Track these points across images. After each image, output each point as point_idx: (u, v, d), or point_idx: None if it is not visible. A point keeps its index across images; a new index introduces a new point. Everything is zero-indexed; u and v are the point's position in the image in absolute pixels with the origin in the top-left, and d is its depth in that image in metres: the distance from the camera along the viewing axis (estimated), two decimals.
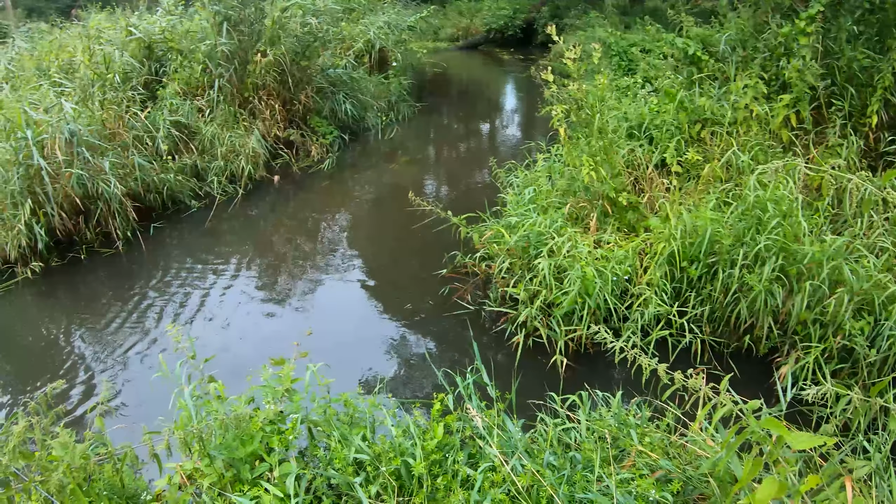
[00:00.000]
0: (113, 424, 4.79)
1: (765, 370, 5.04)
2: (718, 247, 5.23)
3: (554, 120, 5.94)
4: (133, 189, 7.87)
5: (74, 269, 7.13)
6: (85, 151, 7.32)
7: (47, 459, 2.91)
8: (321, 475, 2.96)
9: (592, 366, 5.26)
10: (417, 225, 7.35)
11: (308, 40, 10.72)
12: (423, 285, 6.66)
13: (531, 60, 19.14)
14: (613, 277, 5.21)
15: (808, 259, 4.91)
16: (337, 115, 11.41)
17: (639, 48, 10.58)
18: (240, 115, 9.71)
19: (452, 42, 24.07)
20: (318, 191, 9.50)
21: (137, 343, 5.85)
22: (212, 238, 7.87)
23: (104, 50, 9.33)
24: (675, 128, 6.87)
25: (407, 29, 14.71)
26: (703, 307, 5.28)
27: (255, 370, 3.41)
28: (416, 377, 5.42)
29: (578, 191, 6.25)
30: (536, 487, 2.72)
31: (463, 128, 14.24)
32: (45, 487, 2.79)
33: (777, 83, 6.94)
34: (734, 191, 5.89)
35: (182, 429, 3.12)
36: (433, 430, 2.98)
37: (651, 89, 8.07)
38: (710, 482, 2.75)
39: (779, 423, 2.21)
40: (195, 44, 9.94)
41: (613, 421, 3.29)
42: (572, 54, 5.65)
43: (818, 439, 2.21)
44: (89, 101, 8.47)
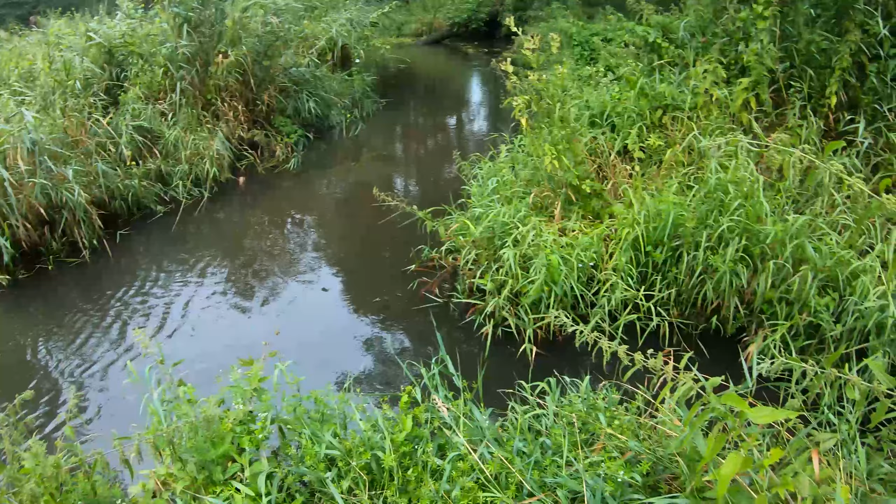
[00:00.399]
0: (85, 433, 4.76)
1: (733, 350, 5.11)
2: (682, 230, 5.30)
3: (516, 111, 5.97)
4: (98, 197, 7.76)
5: (42, 280, 7.03)
6: (48, 160, 7.21)
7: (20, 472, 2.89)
8: (293, 473, 2.97)
9: (562, 353, 5.30)
10: (384, 221, 7.35)
11: (270, 40, 10.65)
12: (392, 280, 6.67)
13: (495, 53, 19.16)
14: (579, 264, 5.25)
15: (770, 238, 5.00)
16: (301, 114, 11.33)
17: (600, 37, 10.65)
18: (203, 117, 9.62)
19: (416, 37, 23.98)
20: (284, 191, 9.46)
21: (108, 351, 5.80)
22: (179, 243, 7.81)
23: (64, 56, 9.21)
24: (636, 115, 6.95)
25: (370, 25, 14.65)
26: (670, 290, 5.35)
27: (224, 372, 3.40)
28: (387, 372, 5.43)
29: (542, 180, 6.30)
30: (505, 474, 2.75)
31: (428, 122, 14.23)
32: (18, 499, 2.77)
33: (736, 67, 7.04)
34: (696, 174, 5.97)
35: (153, 433, 3.11)
36: (402, 423, 3.00)
37: (613, 77, 8.14)
38: (678, 462, 2.79)
39: (739, 399, 2.25)
40: (156, 47, 9.81)
41: (582, 405, 3.33)
42: (531, 45, 5.68)
43: (780, 413, 2.26)
44: (50, 109, 8.36)
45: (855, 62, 6.32)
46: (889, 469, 2.90)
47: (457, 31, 23.81)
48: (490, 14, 23.42)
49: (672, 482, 2.91)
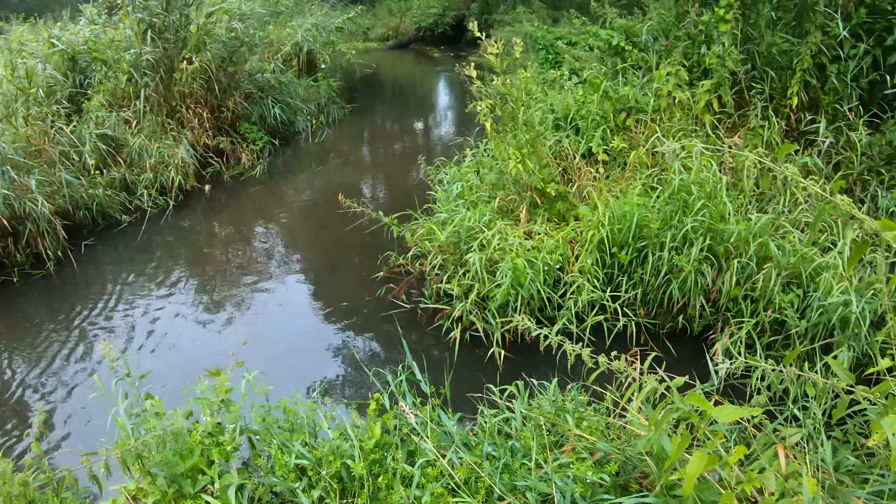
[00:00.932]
0: (53, 449, 4.70)
1: (700, 348, 5.19)
2: (647, 231, 5.37)
3: (480, 115, 6.00)
4: (62, 207, 7.65)
5: (6, 292, 6.91)
6: (10, 170, 7.10)
7: None
8: (264, 484, 2.96)
9: (530, 356, 5.33)
10: (351, 227, 7.34)
11: (235, 45, 10.59)
12: (360, 287, 6.66)
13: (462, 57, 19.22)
14: (545, 267, 5.30)
15: (734, 238, 5.09)
16: (266, 120, 11.28)
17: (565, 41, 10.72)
18: (168, 124, 9.52)
19: (383, 42, 23.99)
20: (251, 198, 9.40)
21: (74, 365, 5.72)
22: (145, 253, 7.72)
23: (27, 63, 9.07)
24: (600, 117, 7.01)
25: (335, 30, 14.62)
26: (636, 290, 5.42)
27: (191, 384, 3.38)
28: (355, 379, 5.43)
29: (507, 184, 6.34)
30: (475, 478, 2.77)
31: (394, 127, 14.24)
32: None
33: (699, 70, 7.15)
34: (660, 176, 6.05)
35: (121, 448, 3.08)
36: (370, 431, 3.00)
37: (577, 81, 8.21)
38: (647, 461, 2.83)
39: (702, 399, 2.28)
40: (120, 53, 9.70)
41: (550, 408, 3.36)
42: (495, 49, 5.72)
43: (742, 411, 2.29)
44: (12, 118, 8.24)
45: (815, 63, 6.44)
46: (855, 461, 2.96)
47: (423, 36, 23.87)
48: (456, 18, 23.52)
49: (642, 481, 2.94)
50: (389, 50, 23.16)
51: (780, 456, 2.54)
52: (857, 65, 6.28)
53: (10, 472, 2.91)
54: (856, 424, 3.28)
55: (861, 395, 2.47)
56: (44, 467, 3.17)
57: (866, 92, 6.41)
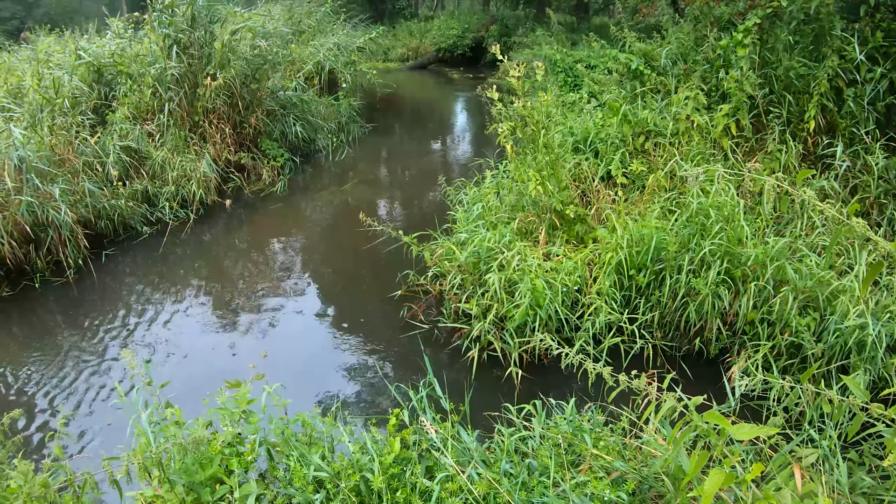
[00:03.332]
0: (72, 453, 4.74)
1: (716, 371, 5.20)
2: (665, 254, 5.38)
3: (500, 137, 6.05)
4: (84, 216, 7.76)
5: (27, 298, 7.00)
6: (34, 178, 7.21)
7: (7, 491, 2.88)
8: (282, 495, 2.98)
9: (547, 376, 5.34)
10: (370, 245, 7.39)
11: (258, 63, 10.73)
12: (378, 305, 6.69)
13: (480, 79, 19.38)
14: (563, 288, 5.31)
15: (751, 261, 5.10)
16: (287, 137, 11.40)
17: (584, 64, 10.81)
18: (190, 139, 9.65)
19: (402, 62, 24.21)
20: (271, 214, 9.48)
21: (94, 371, 5.77)
22: (165, 264, 7.80)
23: (53, 74, 9.21)
24: (619, 140, 7.06)
25: (356, 50, 14.77)
26: (653, 313, 5.42)
27: (211, 394, 3.41)
28: (373, 395, 5.44)
29: (527, 205, 6.37)
30: (493, 495, 2.78)
31: (413, 147, 14.32)
32: None
33: (717, 94, 7.19)
34: (678, 199, 6.07)
35: (141, 455, 3.11)
36: (390, 445, 3.02)
37: (596, 104, 8.27)
38: (664, 480, 2.84)
39: (721, 417, 2.30)
40: (145, 67, 9.85)
41: (568, 427, 3.37)
42: (516, 72, 5.77)
43: (760, 430, 2.30)
44: (38, 127, 8.36)
45: (832, 87, 6.47)
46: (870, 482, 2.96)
47: (442, 57, 24.08)
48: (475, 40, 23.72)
49: (658, 500, 2.95)
50: (409, 70, 23.37)
51: (797, 476, 2.55)
52: (873, 88, 6.30)
53: (30, 473, 2.94)
54: (871, 446, 3.28)
55: (876, 412, 2.47)
56: (65, 469, 3.20)
57: (883, 115, 6.43)
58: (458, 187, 7.57)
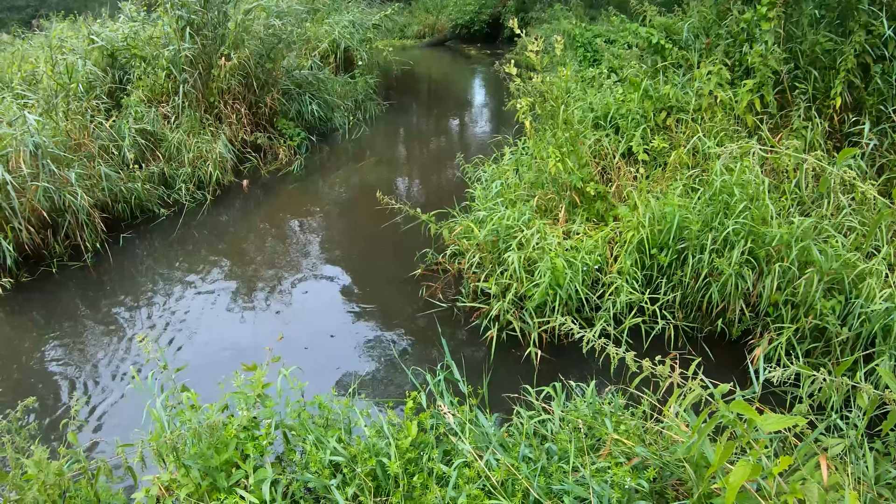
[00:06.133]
0: (88, 439, 4.75)
1: (739, 353, 5.11)
2: (687, 232, 5.27)
3: (519, 113, 5.95)
4: (100, 200, 7.76)
5: (45, 283, 7.02)
6: (50, 164, 7.20)
7: (22, 479, 2.87)
8: (298, 479, 2.95)
9: (567, 357, 5.28)
10: (388, 224, 7.33)
11: (272, 42, 10.64)
12: (396, 284, 6.65)
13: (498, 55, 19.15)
14: (584, 267, 5.23)
15: (776, 241, 4.98)
16: (304, 116, 11.34)
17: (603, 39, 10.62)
18: (206, 120, 9.61)
19: (419, 39, 24.01)
20: (288, 194, 9.44)
21: (110, 356, 5.78)
22: (182, 246, 7.79)
23: (67, 59, 9.19)
24: (640, 116, 6.92)
25: (372, 27, 14.63)
26: (675, 293, 5.32)
27: (227, 377, 3.38)
28: (392, 377, 5.41)
29: (546, 183, 6.27)
30: (511, 481, 2.73)
31: (431, 125, 14.22)
32: None
33: (740, 69, 7.02)
34: (701, 176, 5.94)
35: (156, 440, 3.09)
36: (407, 429, 2.97)
37: (616, 79, 8.12)
38: (685, 467, 2.77)
39: (748, 406, 2.23)
40: (158, 50, 9.80)
41: (588, 410, 3.31)
42: (535, 47, 5.66)
43: (788, 420, 2.23)
44: (53, 113, 8.35)
45: (859, 63, 6.29)
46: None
47: (459, 33, 23.83)
48: (492, 16, 23.42)
49: (679, 488, 2.89)
50: (426, 47, 23.17)
51: (823, 467, 2.47)
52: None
53: (45, 460, 2.93)
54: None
55: None
56: (79, 457, 3.19)
57: None
58: (477, 164, 7.48)
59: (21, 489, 2.83)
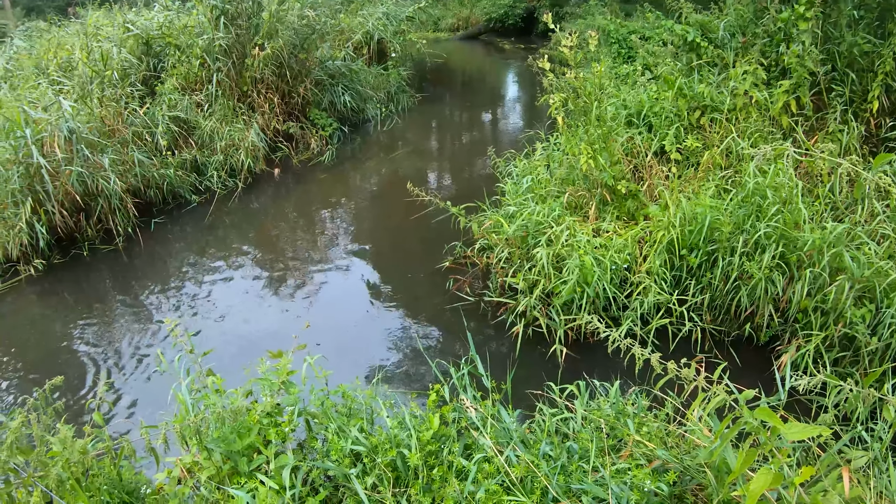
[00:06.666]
0: (113, 419, 4.82)
1: (765, 358, 5.03)
2: (718, 234, 5.21)
3: (552, 108, 5.91)
4: (133, 185, 7.87)
5: (76, 265, 7.14)
6: (84, 149, 7.32)
7: (47, 455, 2.92)
8: (318, 467, 2.96)
9: (592, 355, 5.25)
10: (417, 216, 7.33)
11: (306, 33, 10.69)
12: (424, 276, 6.66)
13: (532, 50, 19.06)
14: (612, 266, 5.19)
15: (808, 246, 4.89)
16: (336, 107, 11.39)
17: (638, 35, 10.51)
18: (238, 108, 9.70)
19: (452, 32, 23.97)
20: (318, 183, 9.49)
21: (138, 338, 5.86)
22: (212, 232, 7.87)
23: (102, 47, 9.32)
24: (674, 115, 6.84)
25: (406, 19, 14.63)
26: (703, 295, 5.26)
27: (252, 363, 3.41)
28: (416, 369, 5.42)
29: (577, 179, 6.23)
30: (531, 478, 2.72)
31: (463, 118, 14.19)
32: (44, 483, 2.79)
33: (777, 69, 6.90)
34: (734, 178, 5.86)
35: (179, 422, 3.13)
36: (429, 422, 2.98)
37: (650, 77, 8.03)
38: (706, 472, 2.74)
39: (772, 414, 2.20)
40: (193, 39, 9.90)
41: (611, 410, 3.28)
42: (569, 42, 5.61)
43: (812, 430, 2.20)
44: (88, 99, 8.48)
45: None
46: None
47: (493, 27, 23.76)
48: (526, 10, 23.32)
49: (698, 493, 2.85)
50: (459, 40, 23.13)
51: (845, 479, 2.43)
52: None
53: (70, 438, 2.97)
54: None
55: None
56: (103, 436, 3.23)
57: None
58: (508, 159, 7.45)
59: (45, 466, 2.87)
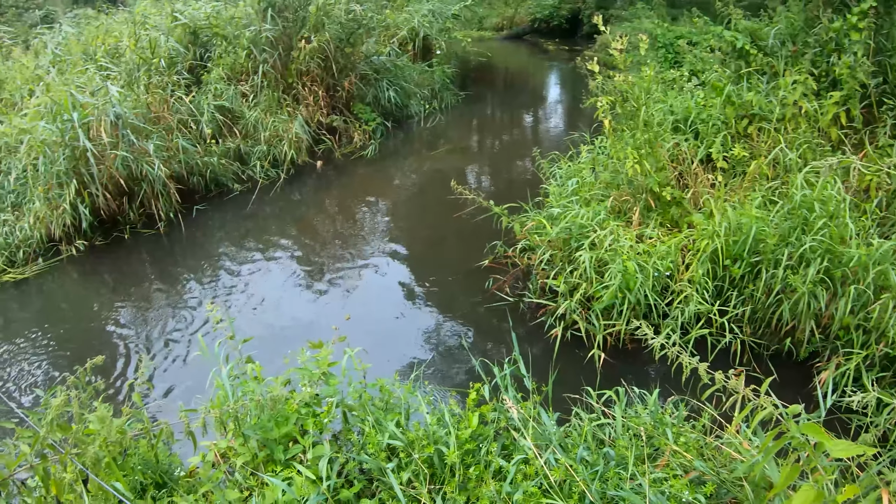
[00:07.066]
0: (151, 400, 4.89)
1: (804, 374, 4.94)
2: (763, 246, 5.12)
3: (599, 111, 5.87)
4: (176, 171, 7.99)
5: (117, 248, 7.27)
6: (130, 134, 7.45)
7: (84, 433, 2.95)
8: (354, 459, 2.97)
9: (630, 362, 5.20)
10: (458, 214, 7.32)
11: (352, 27, 10.74)
12: (463, 274, 6.66)
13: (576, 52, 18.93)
14: (655, 273, 5.14)
15: (853, 262, 4.79)
16: (380, 102, 11.43)
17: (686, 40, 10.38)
18: (283, 100, 9.79)
19: (497, 31, 23.87)
20: (360, 177, 9.53)
21: (177, 322, 5.94)
22: (253, 221, 7.95)
23: (150, 35, 9.46)
24: (721, 122, 6.74)
25: (451, 17, 14.61)
26: (745, 307, 5.17)
27: (292, 352, 3.43)
28: (452, 366, 5.42)
29: (622, 184, 6.18)
30: (569, 482, 2.70)
31: (506, 117, 14.15)
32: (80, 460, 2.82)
33: (827, 80, 6.77)
34: (780, 189, 5.77)
35: (218, 408, 3.16)
36: (468, 420, 2.97)
37: (698, 83, 7.93)
38: (744, 486, 2.70)
39: (819, 429, 2.17)
40: (240, 29, 10.03)
41: (649, 419, 3.25)
42: (619, 45, 5.57)
43: (857, 448, 2.16)
44: (135, 85, 8.62)
45: None
46: None
47: (538, 27, 23.59)
48: (572, 11, 23.12)
49: None
50: (503, 40, 23.03)
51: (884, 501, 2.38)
52: None
53: (108, 416, 2.99)
54: None
55: None
56: (141, 416, 3.27)
57: None
58: (552, 160, 7.41)
59: (83, 443, 2.90)
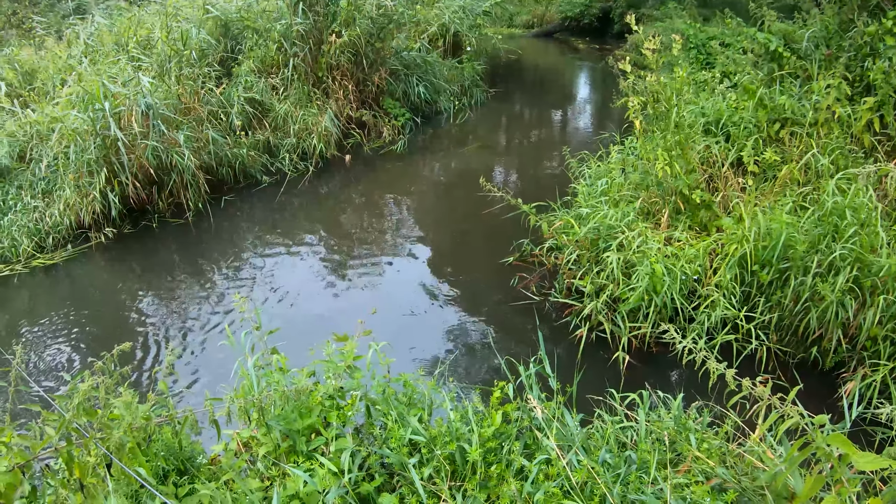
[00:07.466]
0: (176, 388, 4.95)
1: (829, 384, 4.89)
2: (792, 252, 5.06)
3: (630, 111, 5.83)
4: (206, 162, 8.07)
5: (145, 236, 7.35)
6: (160, 124, 7.54)
7: (109, 418, 2.97)
8: (376, 453, 2.99)
9: (654, 365, 5.18)
10: (486, 211, 7.32)
11: (382, 22, 10.76)
12: (489, 272, 6.66)
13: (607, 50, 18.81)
14: (682, 276, 5.10)
15: (883, 272, 4.72)
16: (409, 97, 11.46)
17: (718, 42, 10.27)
18: (313, 94, 9.84)
19: (527, 29, 23.84)
20: (389, 171, 9.56)
21: (204, 311, 6.00)
22: (281, 213, 8.01)
23: (181, 27, 9.54)
24: (753, 126, 6.67)
25: (482, 14, 14.59)
26: (772, 314, 5.11)
27: (318, 345, 3.45)
28: (475, 363, 5.42)
29: (651, 185, 6.13)
30: (590, 484, 2.70)
31: (535, 115, 14.10)
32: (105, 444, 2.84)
33: (861, 84, 6.67)
34: (812, 195, 5.69)
35: (243, 397, 3.18)
36: (491, 418, 2.98)
37: (729, 85, 7.84)
38: (766, 495, 2.68)
39: (846, 441, 2.14)
40: (271, 23, 10.10)
41: (672, 423, 3.23)
42: (652, 45, 5.53)
43: (883, 461, 2.14)
44: (166, 76, 8.71)
45: None
46: None
47: (568, 26, 23.52)
48: (602, 10, 22.99)
49: None
50: (533, 37, 23.00)
51: None
52: None
53: (133, 402, 3.02)
54: None
55: None
56: (166, 403, 3.30)
57: None
58: (581, 160, 7.39)
59: (108, 428, 2.92)
